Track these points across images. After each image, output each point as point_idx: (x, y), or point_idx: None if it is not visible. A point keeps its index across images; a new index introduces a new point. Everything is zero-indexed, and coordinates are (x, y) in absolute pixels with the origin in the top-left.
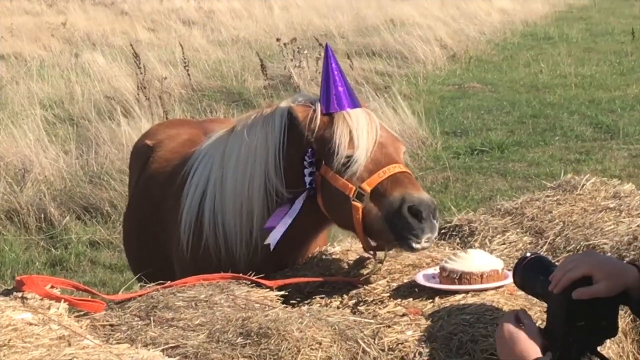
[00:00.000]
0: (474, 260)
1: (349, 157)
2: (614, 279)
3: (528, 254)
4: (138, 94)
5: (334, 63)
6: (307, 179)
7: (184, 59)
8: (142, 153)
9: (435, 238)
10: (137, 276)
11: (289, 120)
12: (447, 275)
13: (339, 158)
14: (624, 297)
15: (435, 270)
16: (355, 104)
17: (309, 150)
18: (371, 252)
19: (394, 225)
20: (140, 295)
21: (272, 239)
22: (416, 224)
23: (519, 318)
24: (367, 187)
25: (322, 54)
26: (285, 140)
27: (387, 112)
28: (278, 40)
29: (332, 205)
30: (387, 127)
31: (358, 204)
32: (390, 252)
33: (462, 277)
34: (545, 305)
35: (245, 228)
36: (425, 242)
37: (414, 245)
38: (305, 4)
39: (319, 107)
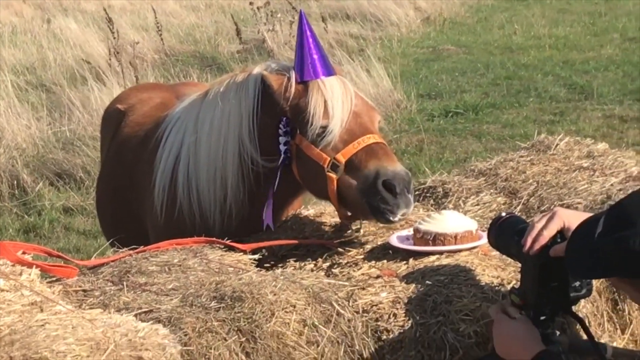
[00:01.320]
0: (448, 221)
1: (323, 128)
2: None
3: (503, 214)
4: (110, 60)
5: (308, 30)
6: (282, 148)
7: (157, 23)
8: (113, 118)
9: (410, 212)
10: (110, 241)
11: (263, 88)
12: (421, 236)
13: (313, 128)
14: None
15: (409, 231)
16: (329, 71)
17: (284, 118)
18: (346, 221)
19: (369, 198)
20: (113, 261)
21: (268, 218)
22: (391, 199)
23: (507, 311)
24: (342, 158)
25: (296, 17)
26: (259, 107)
27: (361, 76)
28: (251, 4)
29: (306, 175)
30: (362, 95)
31: (333, 175)
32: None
33: (436, 238)
34: (519, 265)
35: (220, 194)
36: (401, 216)
37: (390, 217)
38: None
39: (293, 75)
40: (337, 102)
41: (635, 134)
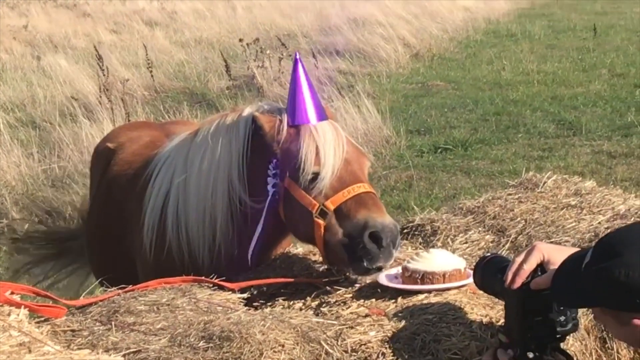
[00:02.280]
0: (436, 259)
1: (314, 174)
2: None
3: (487, 255)
4: (100, 96)
5: (302, 73)
6: (270, 189)
7: (147, 60)
8: (103, 156)
9: (388, 266)
10: (99, 280)
11: (254, 129)
12: (409, 275)
13: (304, 174)
14: None
15: (397, 270)
16: (322, 116)
17: (273, 160)
18: (331, 266)
19: (353, 247)
20: (101, 300)
21: (250, 254)
22: (374, 250)
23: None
24: (331, 205)
25: (285, 54)
26: (249, 148)
27: (350, 111)
28: (241, 40)
29: (293, 218)
30: (352, 140)
31: (320, 221)
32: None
33: (425, 277)
34: None
35: (209, 233)
36: (376, 269)
37: (366, 265)
38: (268, 4)
39: (285, 118)
40: (329, 149)
41: (624, 169)
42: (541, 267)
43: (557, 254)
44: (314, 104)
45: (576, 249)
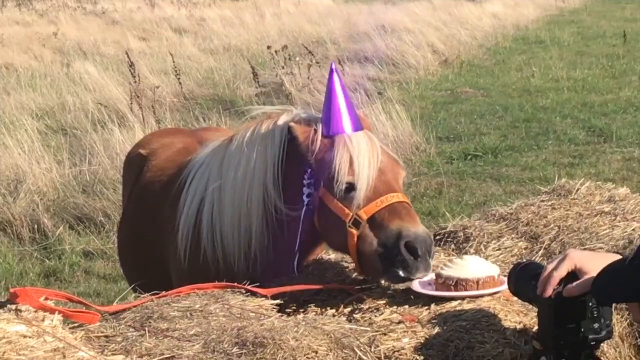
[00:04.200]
0: (470, 266)
1: (348, 184)
2: (599, 267)
3: (522, 261)
4: (131, 103)
5: (338, 83)
6: (305, 199)
7: (175, 67)
8: (135, 162)
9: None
10: (132, 286)
11: (289, 138)
12: (443, 282)
13: (338, 184)
14: None
15: (431, 276)
16: (357, 126)
17: (308, 170)
18: (365, 276)
19: (389, 257)
20: (134, 306)
21: (295, 263)
22: (412, 261)
23: None
24: (364, 214)
25: (314, 61)
26: (284, 156)
27: (381, 118)
28: (269, 47)
29: (327, 227)
30: (388, 150)
31: (354, 231)
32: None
33: (458, 283)
34: None
35: (244, 240)
36: (416, 278)
37: (402, 274)
38: (296, 10)
39: (320, 128)
40: (364, 159)
41: None
42: (574, 274)
43: (589, 262)
44: (349, 114)
45: (610, 254)
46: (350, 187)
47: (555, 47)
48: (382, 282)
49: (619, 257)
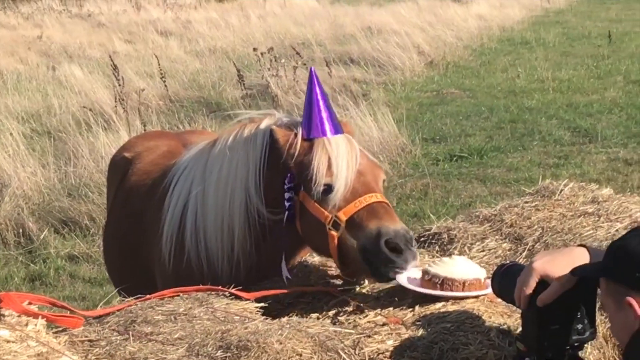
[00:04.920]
0: (458, 266)
1: (327, 186)
2: (566, 269)
3: (506, 263)
4: (116, 106)
5: (317, 87)
6: (286, 203)
7: (161, 70)
8: (120, 166)
9: (413, 264)
10: (116, 290)
11: (271, 142)
12: (429, 279)
13: (317, 186)
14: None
15: (418, 274)
16: (337, 129)
17: (289, 174)
18: (348, 278)
19: (371, 257)
20: (118, 310)
21: (285, 272)
22: (396, 257)
23: None
24: (343, 216)
25: (300, 63)
26: (265, 160)
27: (366, 120)
28: (255, 49)
29: (309, 231)
30: (368, 153)
31: (334, 233)
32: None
33: (445, 282)
34: None
35: (227, 244)
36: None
37: (390, 275)
38: (282, 12)
39: (300, 131)
40: (342, 161)
41: None
42: (543, 281)
43: (552, 267)
44: (329, 118)
45: (567, 249)
46: (328, 189)
47: (541, 47)
48: (366, 282)
49: (577, 249)
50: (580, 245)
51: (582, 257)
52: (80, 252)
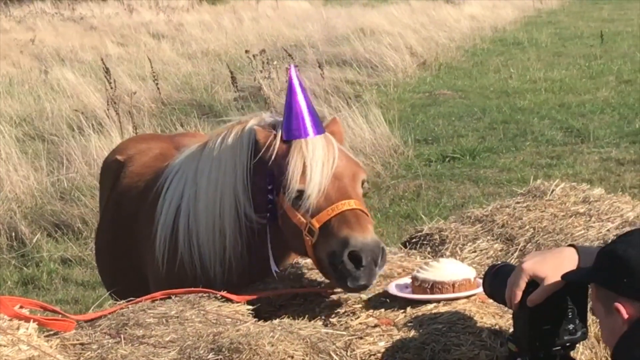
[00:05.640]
0: (446, 269)
1: (300, 192)
2: (555, 269)
3: (497, 264)
4: (108, 109)
5: (297, 86)
6: (269, 206)
7: (153, 73)
8: (112, 169)
9: (374, 284)
10: (108, 293)
11: (254, 143)
12: (419, 285)
13: (290, 191)
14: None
15: (407, 279)
16: (317, 130)
17: (269, 176)
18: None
19: (336, 265)
20: (109, 313)
21: (273, 267)
22: (353, 270)
23: None
24: (316, 223)
25: (291, 64)
26: (251, 162)
27: (358, 121)
28: (247, 51)
29: (288, 234)
30: (347, 152)
31: (309, 239)
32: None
33: (434, 286)
34: None
35: (219, 246)
36: (359, 288)
37: (349, 285)
38: (274, 14)
39: (280, 132)
40: (317, 165)
41: (632, 177)
42: (533, 281)
43: (542, 267)
44: (309, 118)
45: (557, 250)
46: (302, 195)
47: (533, 48)
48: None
49: (567, 250)
50: (570, 245)
51: (571, 258)
52: (73, 256)
